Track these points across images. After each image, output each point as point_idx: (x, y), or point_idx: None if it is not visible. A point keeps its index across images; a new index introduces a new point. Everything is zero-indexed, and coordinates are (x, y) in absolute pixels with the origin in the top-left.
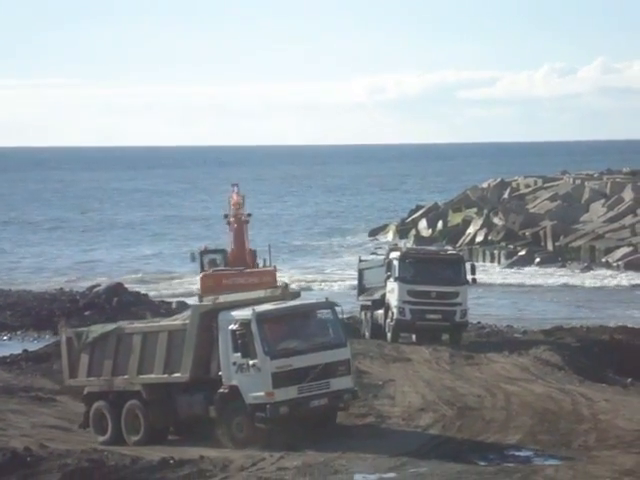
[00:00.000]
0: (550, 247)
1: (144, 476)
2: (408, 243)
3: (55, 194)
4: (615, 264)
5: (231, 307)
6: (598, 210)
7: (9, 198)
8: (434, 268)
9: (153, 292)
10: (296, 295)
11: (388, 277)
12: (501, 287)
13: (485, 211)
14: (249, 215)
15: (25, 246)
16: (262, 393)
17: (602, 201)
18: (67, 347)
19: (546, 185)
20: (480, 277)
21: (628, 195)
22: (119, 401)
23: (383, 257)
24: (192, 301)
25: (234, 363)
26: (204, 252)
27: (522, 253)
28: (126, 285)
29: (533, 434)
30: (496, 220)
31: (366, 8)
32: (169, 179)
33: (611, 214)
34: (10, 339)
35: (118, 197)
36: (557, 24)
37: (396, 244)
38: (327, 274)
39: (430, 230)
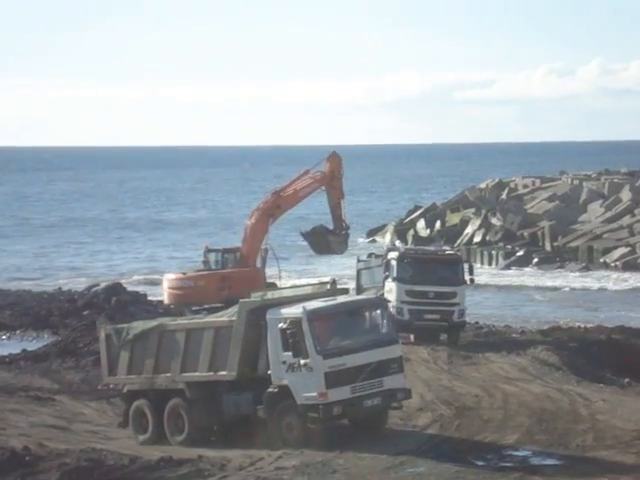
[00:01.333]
0: (548, 247)
1: (142, 475)
2: (398, 242)
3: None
4: (613, 264)
5: (279, 304)
6: (596, 210)
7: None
8: (432, 268)
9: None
10: (344, 291)
11: (386, 277)
12: (499, 287)
13: (483, 211)
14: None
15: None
16: (315, 393)
17: (600, 201)
18: (106, 344)
19: (544, 185)
20: (478, 277)
21: (626, 195)
22: (161, 400)
23: (381, 257)
24: None
25: (284, 362)
26: (208, 250)
27: (520, 253)
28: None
29: (531, 434)
30: (494, 220)
31: (366, 10)
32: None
33: (609, 214)
34: (9, 339)
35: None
36: (555, 25)
37: (394, 244)
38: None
39: (428, 230)
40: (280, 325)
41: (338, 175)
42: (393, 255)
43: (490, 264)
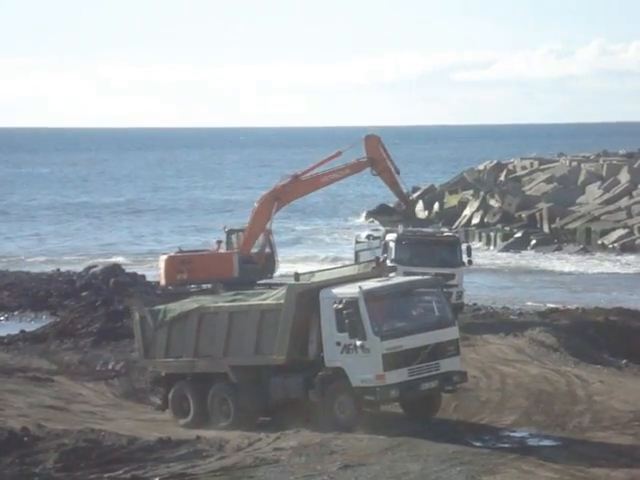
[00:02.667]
0: (546, 229)
1: (141, 456)
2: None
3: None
4: (611, 246)
5: (329, 285)
6: (594, 192)
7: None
8: (430, 250)
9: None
10: (393, 269)
11: (384, 259)
12: (497, 269)
13: (481, 193)
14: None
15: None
16: (371, 376)
17: (598, 183)
18: (140, 326)
19: (542, 167)
20: (476, 259)
21: (624, 177)
22: (203, 383)
23: (379, 239)
24: None
25: (338, 343)
26: (232, 231)
27: (518, 235)
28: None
29: (528, 415)
30: (492, 202)
31: None
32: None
33: (607, 196)
34: (7, 319)
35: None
36: (554, 5)
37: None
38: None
39: (426, 212)
40: (335, 305)
41: (380, 157)
42: (391, 237)
43: (488, 246)
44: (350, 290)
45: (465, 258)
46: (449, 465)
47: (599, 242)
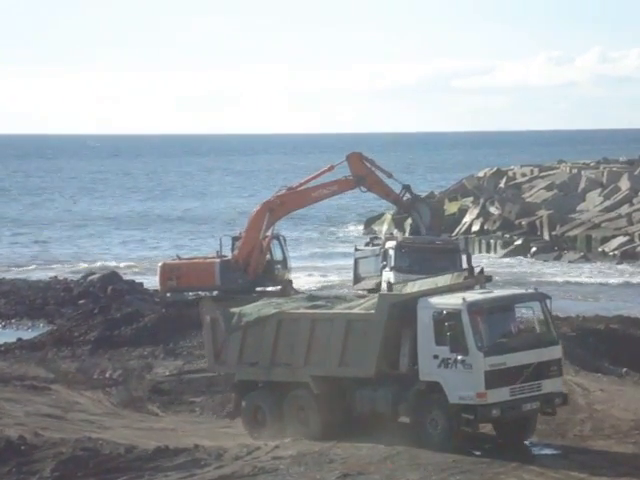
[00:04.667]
0: (546, 236)
1: (139, 465)
2: (396, 232)
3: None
4: (611, 253)
5: (424, 296)
6: (594, 199)
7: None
8: (430, 257)
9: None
10: (488, 279)
11: (384, 266)
12: (498, 276)
13: (481, 200)
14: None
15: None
16: (472, 393)
17: (598, 190)
18: (211, 329)
19: (542, 174)
20: (476, 267)
21: (624, 184)
22: (279, 392)
23: (379, 246)
24: None
25: (436, 357)
26: (235, 238)
27: (518, 242)
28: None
29: None
30: (492, 209)
31: None
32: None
33: (607, 203)
34: (4, 327)
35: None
36: (554, 12)
37: (392, 233)
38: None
39: None
40: (435, 317)
41: (366, 172)
42: (391, 244)
43: (488, 253)
44: (452, 301)
45: (465, 265)
46: (449, 474)
47: (599, 249)
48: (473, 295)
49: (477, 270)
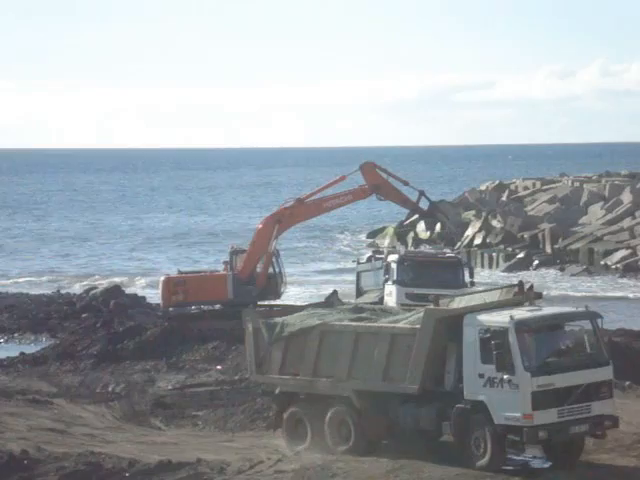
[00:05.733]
0: (549, 250)
1: (141, 479)
2: (398, 245)
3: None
4: (614, 267)
5: (471, 312)
6: (597, 213)
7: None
8: (432, 271)
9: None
10: (538, 295)
11: (386, 280)
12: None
13: (483, 213)
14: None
15: None
16: (518, 414)
17: (601, 203)
18: (254, 338)
19: (545, 187)
20: (479, 280)
21: (627, 197)
22: (321, 405)
23: (381, 260)
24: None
25: (482, 375)
26: (234, 251)
27: (521, 256)
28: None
29: None
30: (494, 222)
31: (365, 12)
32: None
33: (610, 217)
34: (7, 342)
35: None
36: (555, 26)
37: (394, 247)
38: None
39: (428, 233)
40: (481, 334)
41: (382, 182)
42: (393, 258)
43: (491, 267)
44: (499, 318)
45: (467, 279)
46: None
47: (602, 263)
48: (521, 312)
49: (527, 286)
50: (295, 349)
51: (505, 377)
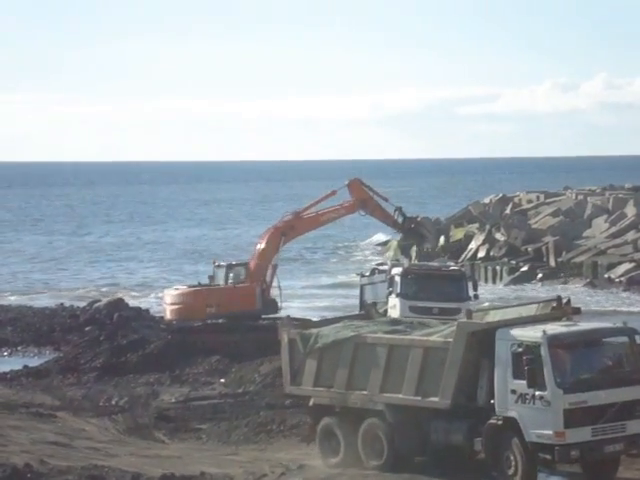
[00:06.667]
0: (552, 263)
1: None
2: (402, 258)
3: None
4: (617, 280)
5: (505, 326)
6: (600, 226)
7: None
8: (436, 284)
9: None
10: (577, 311)
11: (390, 293)
12: (504, 302)
13: (487, 226)
14: (284, 235)
15: None
16: (550, 432)
17: (604, 217)
18: (289, 350)
19: (548, 201)
20: (482, 293)
21: (631, 211)
22: (354, 418)
23: (385, 273)
24: None
25: (513, 391)
26: (230, 265)
27: (524, 269)
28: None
29: None
30: (498, 236)
31: (367, 24)
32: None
33: (614, 230)
34: (10, 355)
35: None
36: (559, 40)
37: (397, 260)
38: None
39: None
40: (513, 349)
41: (367, 197)
42: (397, 271)
43: (494, 280)
44: (532, 333)
45: (471, 292)
46: None
47: (606, 276)
48: (555, 328)
49: (561, 300)
50: (329, 361)
51: (537, 394)
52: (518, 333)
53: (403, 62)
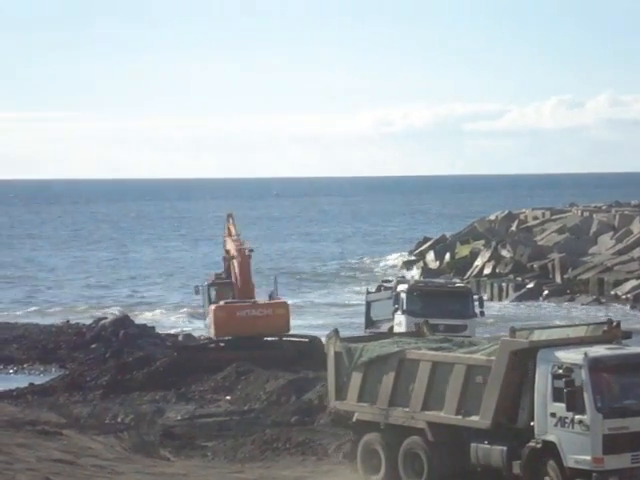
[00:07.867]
0: (558, 280)
1: None
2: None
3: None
4: (624, 297)
5: (549, 346)
6: (606, 242)
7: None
8: (442, 301)
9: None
10: (627, 335)
11: (396, 310)
12: (508, 319)
13: (493, 243)
14: (251, 251)
15: None
16: (588, 457)
17: (610, 233)
18: (335, 363)
19: (554, 217)
20: (488, 310)
21: (636, 227)
22: (396, 436)
23: (391, 290)
24: (203, 332)
25: (553, 414)
26: (212, 284)
27: (530, 286)
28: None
29: None
30: (504, 252)
31: (373, 40)
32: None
33: (620, 246)
34: (16, 372)
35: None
36: (564, 56)
37: (403, 276)
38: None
39: (438, 262)
40: (554, 371)
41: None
42: (402, 287)
43: (500, 297)
44: (573, 355)
45: (477, 309)
46: None
47: (612, 293)
48: (598, 350)
49: (611, 323)
50: (373, 376)
51: (576, 417)
52: (560, 354)
53: (410, 78)
